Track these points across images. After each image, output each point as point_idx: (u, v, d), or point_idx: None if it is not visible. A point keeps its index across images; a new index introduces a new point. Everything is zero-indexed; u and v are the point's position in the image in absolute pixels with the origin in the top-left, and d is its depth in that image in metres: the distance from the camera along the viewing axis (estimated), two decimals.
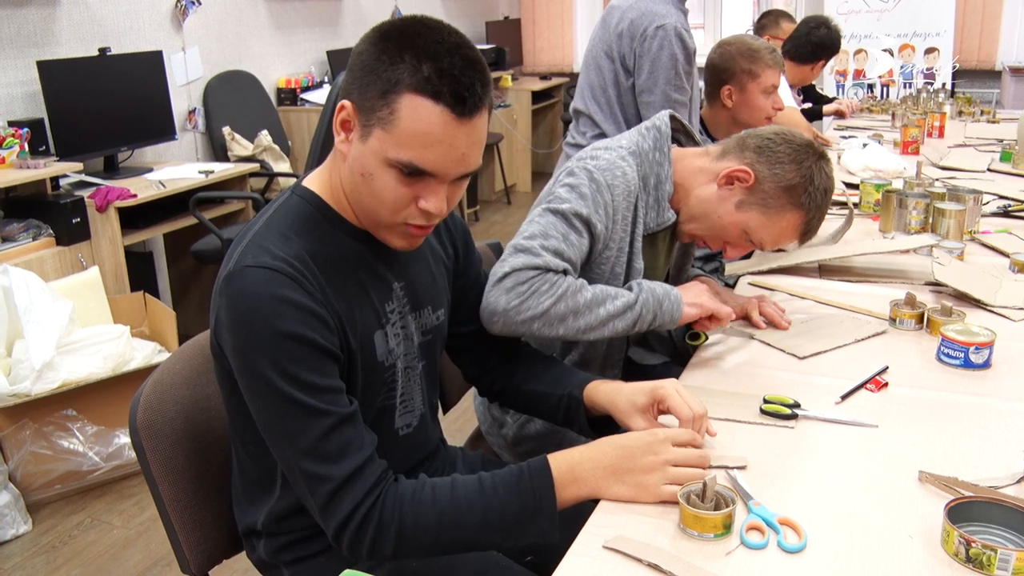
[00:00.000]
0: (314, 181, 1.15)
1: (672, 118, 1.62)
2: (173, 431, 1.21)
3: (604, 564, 0.98)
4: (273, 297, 1.01)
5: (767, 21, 4.05)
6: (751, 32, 4.33)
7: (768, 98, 2.46)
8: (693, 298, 1.49)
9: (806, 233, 1.54)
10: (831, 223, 2.32)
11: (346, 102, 1.05)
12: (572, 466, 1.10)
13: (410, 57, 0.99)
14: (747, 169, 1.50)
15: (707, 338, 1.60)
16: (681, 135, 1.69)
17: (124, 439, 2.67)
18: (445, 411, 1.71)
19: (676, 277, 1.79)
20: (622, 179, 1.49)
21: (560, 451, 1.13)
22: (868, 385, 1.40)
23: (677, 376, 1.45)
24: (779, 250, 2.14)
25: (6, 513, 2.40)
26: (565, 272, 1.41)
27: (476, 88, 1.01)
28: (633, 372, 1.87)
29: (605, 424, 1.29)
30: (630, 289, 1.46)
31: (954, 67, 5.73)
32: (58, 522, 2.52)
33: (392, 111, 1.00)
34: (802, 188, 1.48)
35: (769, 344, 1.58)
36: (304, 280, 1.04)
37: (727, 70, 2.47)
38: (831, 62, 5.90)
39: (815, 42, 3.64)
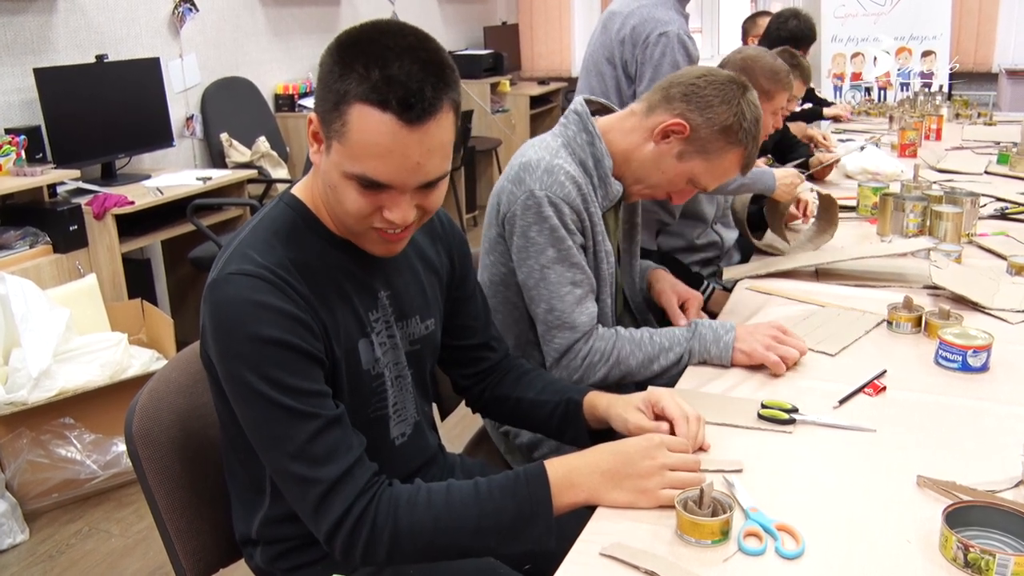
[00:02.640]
0: (301, 189, 1.15)
1: (588, 101, 1.61)
2: (169, 439, 1.21)
3: (601, 571, 0.97)
4: (254, 303, 1.01)
5: (749, 25, 4.03)
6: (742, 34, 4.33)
7: (773, 117, 2.46)
8: (745, 346, 1.49)
9: (746, 165, 1.55)
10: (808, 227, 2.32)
11: (312, 115, 1.04)
12: (569, 471, 1.10)
13: (360, 66, 0.96)
14: (680, 121, 1.49)
15: None
16: (602, 114, 1.66)
17: (122, 447, 2.66)
18: (443, 417, 1.71)
19: (628, 236, 1.78)
20: (568, 179, 1.50)
21: (557, 457, 1.12)
22: (866, 389, 1.40)
23: (674, 382, 1.46)
24: (772, 253, 2.14)
25: (3, 522, 2.39)
26: (599, 319, 1.54)
27: (425, 92, 0.96)
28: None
29: (601, 438, 1.27)
30: (684, 332, 1.53)
31: (953, 68, 5.74)
32: (56, 531, 2.51)
33: (344, 123, 0.98)
34: (737, 126, 1.48)
35: None
36: (286, 287, 1.04)
37: None
38: (829, 66, 5.93)
39: (785, 36, 3.59)
